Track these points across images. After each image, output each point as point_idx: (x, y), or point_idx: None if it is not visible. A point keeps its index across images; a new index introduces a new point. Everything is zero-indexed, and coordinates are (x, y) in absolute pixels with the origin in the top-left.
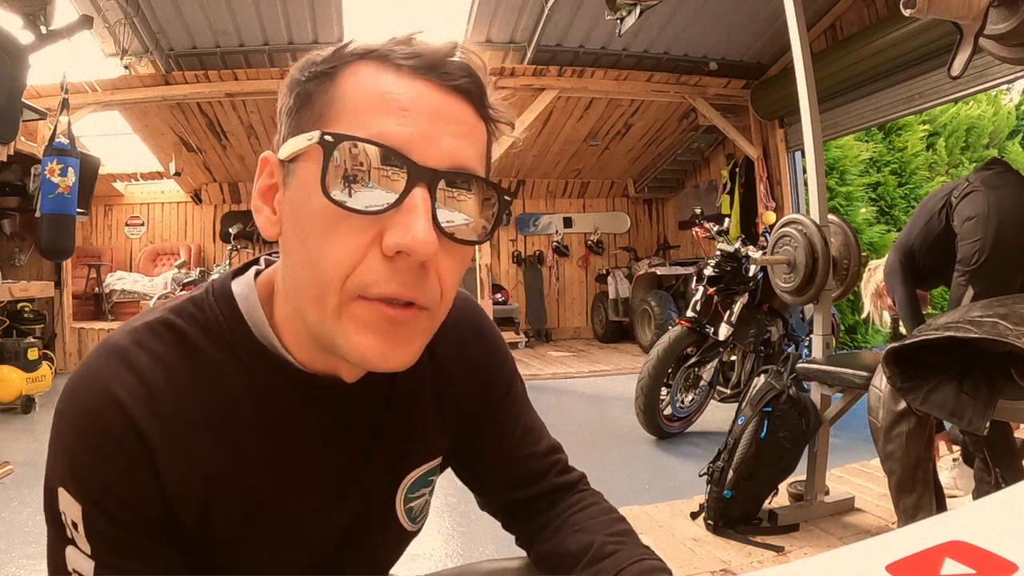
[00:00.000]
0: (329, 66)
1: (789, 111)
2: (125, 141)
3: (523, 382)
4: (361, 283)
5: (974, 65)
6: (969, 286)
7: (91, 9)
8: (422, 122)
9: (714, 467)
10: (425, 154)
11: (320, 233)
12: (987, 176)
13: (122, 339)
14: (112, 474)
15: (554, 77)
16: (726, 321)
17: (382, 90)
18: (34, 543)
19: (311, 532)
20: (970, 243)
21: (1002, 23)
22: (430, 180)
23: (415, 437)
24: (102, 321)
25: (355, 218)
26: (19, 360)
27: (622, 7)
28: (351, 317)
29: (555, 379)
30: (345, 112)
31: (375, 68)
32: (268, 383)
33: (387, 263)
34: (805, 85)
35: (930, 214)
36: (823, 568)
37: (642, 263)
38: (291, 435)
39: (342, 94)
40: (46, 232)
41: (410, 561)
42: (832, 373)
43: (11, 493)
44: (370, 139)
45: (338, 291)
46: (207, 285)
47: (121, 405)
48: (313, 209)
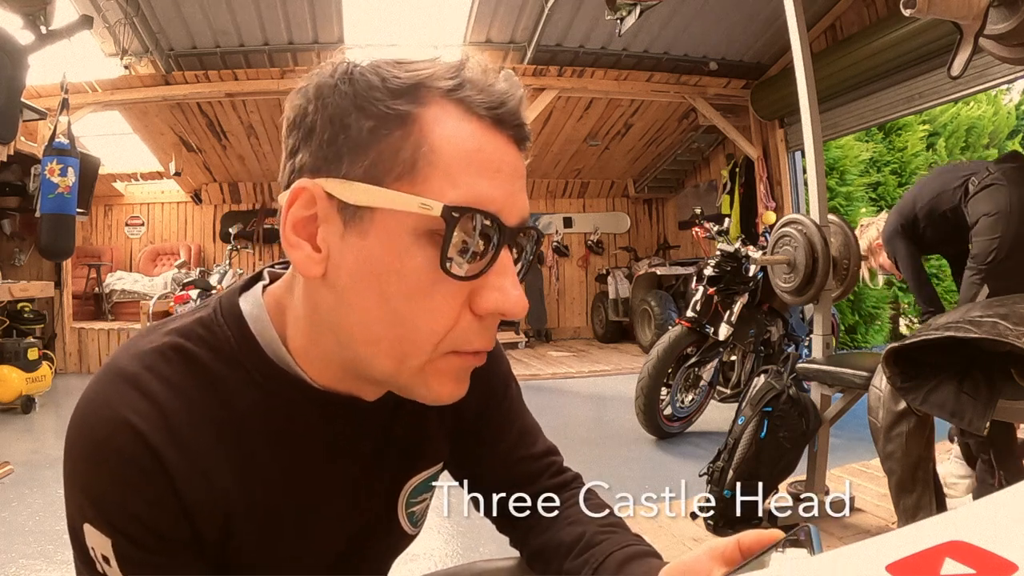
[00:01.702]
0: (409, 104)
1: (789, 111)
2: (125, 141)
3: (518, 384)
4: (454, 343)
5: (974, 65)
6: (984, 284)
7: (91, 9)
8: (508, 183)
9: (714, 467)
10: (510, 214)
11: (412, 295)
12: (1009, 169)
13: (130, 364)
14: (137, 501)
15: (554, 77)
16: (726, 321)
17: (475, 147)
18: (34, 543)
19: (323, 541)
20: (987, 239)
21: (1002, 23)
22: (511, 239)
23: (420, 444)
24: (102, 321)
25: (451, 282)
26: (19, 360)
27: (622, 7)
28: (436, 371)
29: (555, 379)
30: (443, 168)
31: (460, 116)
32: (282, 401)
33: (479, 322)
34: (805, 85)
35: (942, 189)
36: (823, 568)
37: (642, 263)
38: (306, 451)
39: (434, 146)
40: (46, 232)
41: (410, 561)
42: (832, 373)
43: (11, 493)
44: (487, 211)
45: (429, 352)
46: (214, 304)
47: (137, 431)
48: (405, 269)
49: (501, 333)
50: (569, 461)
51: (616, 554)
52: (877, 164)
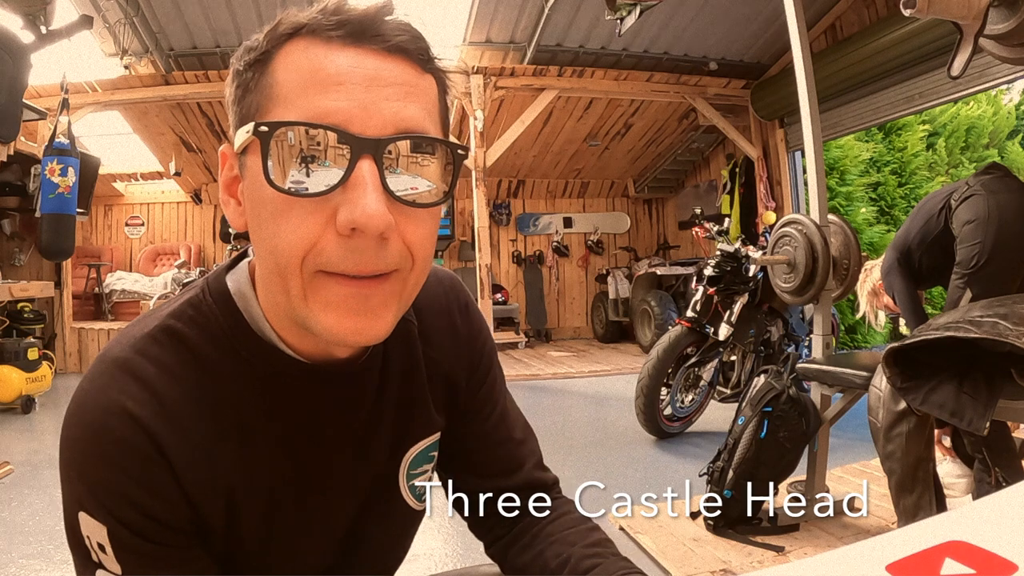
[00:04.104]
0: (262, 52)
1: (789, 111)
2: (125, 141)
3: (501, 368)
4: (318, 262)
5: (974, 65)
6: (967, 289)
7: (91, 9)
8: (359, 93)
9: (714, 467)
10: (366, 124)
11: (274, 219)
12: (987, 180)
13: (123, 351)
14: (134, 488)
15: (554, 77)
16: (726, 321)
17: (313, 67)
18: (34, 543)
19: (328, 516)
20: (970, 246)
21: (1002, 23)
22: (374, 150)
23: (414, 412)
24: (102, 321)
25: (305, 201)
26: (19, 360)
27: (622, 7)
28: (316, 298)
29: (555, 379)
30: (280, 98)
31: (305, 46)
32: (271, 377)
33: (344, 241)
34: (805, 85)
35: (929, 215)
36: (823, 568)
37: (642, 263)
38: (301, 425)
39: (276, 79)
40: (46, 232)
41: (411, 562)
42: (832, 373)
43: (11, 493)
44: (302, 121)
45: (298, 273)
46: (203, 284)
47: (133, 417)
48: (265, 198)
49: (501, 333)
50: (569, 460)
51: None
52: (877, 164)
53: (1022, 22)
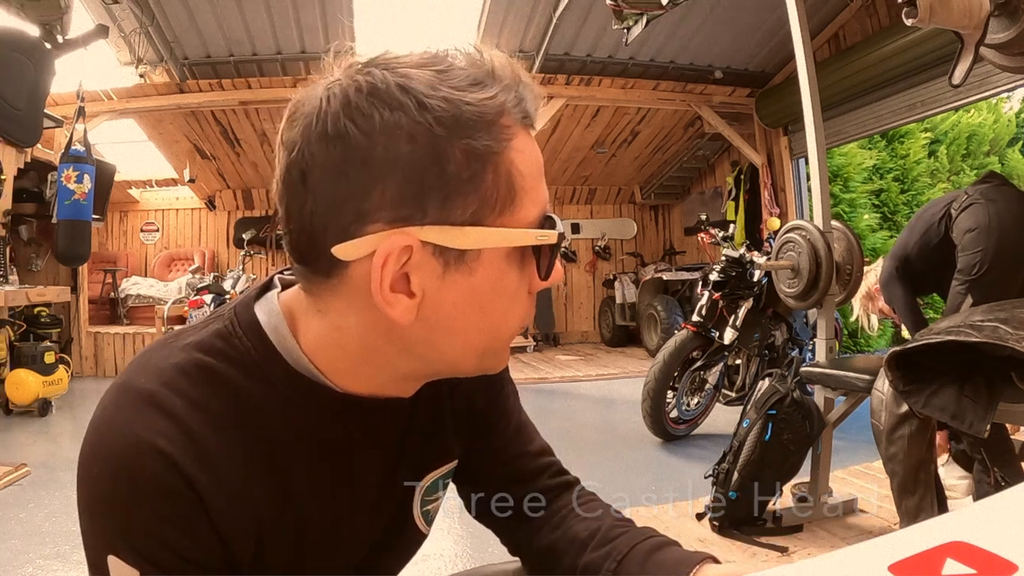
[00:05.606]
0: (494, 140)
1: (793, 119)
2: (140, 148)
3: (514, 384)
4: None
5: (975, 74)
6: (968, 295)
7: (107, 19)
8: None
9: (719, 469)
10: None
11: (510, 303)
12: (986, 189)
13: (148, 383)
14: (168, 529)
15: (562, 85)
16: (731, 325)
17: (535, 157)
18: (51, 544)
19: (353, 544)
20: (971, 254)
21: (1002, 32)
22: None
23: (436, 439)
24: (118, 325)
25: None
26: (36, 363)
27: (629, 17)
28: (504, 349)
29: (563, 382)
30: (526, 191)
31: (524, 130)
32: (307, 410)
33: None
34: (809, 93)
35: (928, 224)
36: (826, 568)
37: (648, 268)
38: (334, 458)
39: (520, 171)
40: (62, 238)
41: (421, 562)
42: (835, 376)
43: (28, 494)
44: (551, 216)
45: (509, 341)
46: (229, 315)
47: (165, 455)
48: (508, 289)
49: None
50: (576, 463)
51: (640, 545)
52: (880, 171)
53: (1022, 31)
